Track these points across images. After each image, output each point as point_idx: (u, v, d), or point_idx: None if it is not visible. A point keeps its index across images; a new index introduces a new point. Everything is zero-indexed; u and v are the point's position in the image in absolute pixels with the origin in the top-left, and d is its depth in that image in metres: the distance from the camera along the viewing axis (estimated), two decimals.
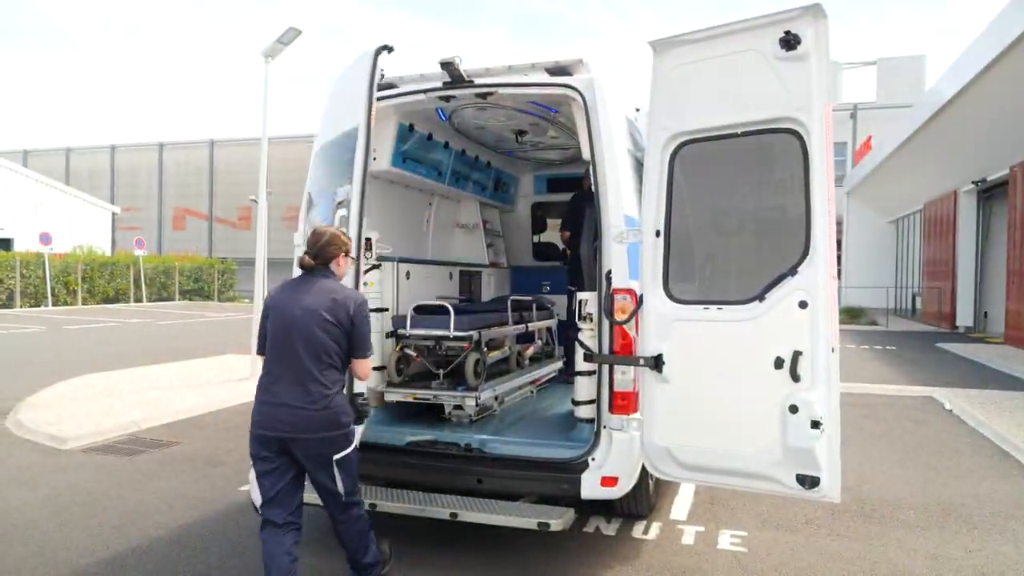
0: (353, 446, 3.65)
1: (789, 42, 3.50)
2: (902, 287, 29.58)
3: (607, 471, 4.18)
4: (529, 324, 6.45)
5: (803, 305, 3.56)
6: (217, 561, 4.39)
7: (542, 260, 8.33)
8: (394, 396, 5.28)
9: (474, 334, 5.34)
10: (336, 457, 3.55)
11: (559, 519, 4.07)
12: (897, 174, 24.03)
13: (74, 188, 38.40)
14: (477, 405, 5.22)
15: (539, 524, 4.03)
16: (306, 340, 3.47)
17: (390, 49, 4.28)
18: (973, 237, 20.98)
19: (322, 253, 3.67)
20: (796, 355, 3.54)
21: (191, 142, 48.73)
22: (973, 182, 19.88)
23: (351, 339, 3.58)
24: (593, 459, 4.22)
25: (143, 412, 8.43)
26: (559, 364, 6.93)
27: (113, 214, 38.18)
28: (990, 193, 20.29)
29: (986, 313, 20.88)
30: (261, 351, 3.65)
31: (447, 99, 4.93)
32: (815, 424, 3.48)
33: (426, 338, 5.35)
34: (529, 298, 6.71)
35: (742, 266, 4.03)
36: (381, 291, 5.40)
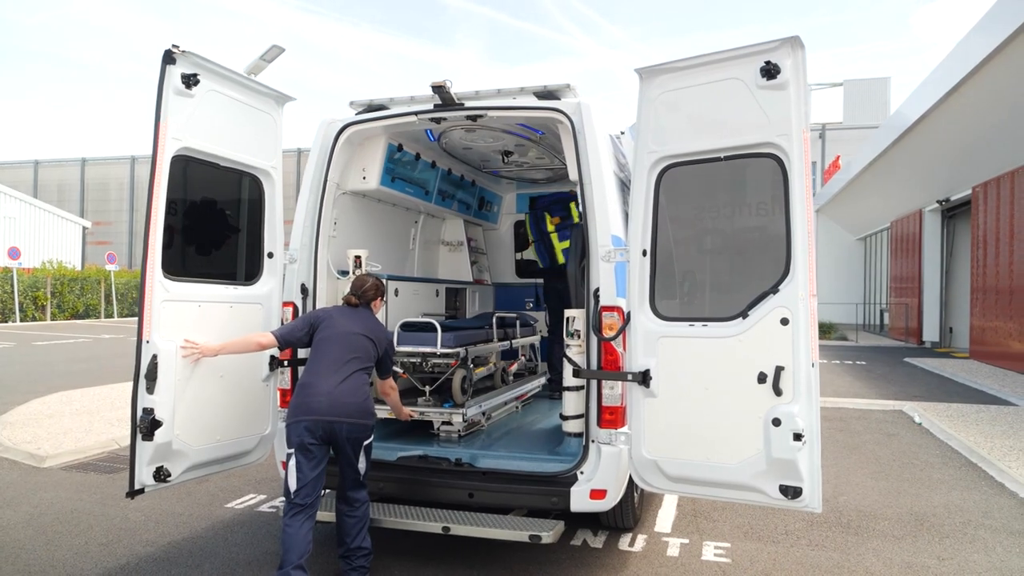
0: (373, 436, 4.34)
1: (769, 71, 3.68)
2: (870, 303, 30.26)
3: (596, 484, 4.27)
4: (513, 340, 6.54)
5: (784, 322, 3.72)
6: None
7: (525, 277, 8.45)
8: (381, 412, 5.30)
9: (461, 351, 5.37)
10: (365, 443, 4.23)
11: (550, 532, 4.16)
12: (865, 193, 24.70)
13: (42, 202, 37.76)
14: (464, 421, 5.27)
15: (531, 537, 4.12)
16: (356, 347, 4.30)
17: (173, 53, 3.95)
18: (938, 254, 21.60)
19: (364, 295, 4.56)
20: (778, 370, 3.69)
21: None
22: (938, 201, 20.51)
23: (381, 362, 4.50)
24: (582, 472, 4.31)
25: (123, 430, 8.33)
26: (542, 380, 7.05)
27: (83, 228, 37.60)
28: (954, 212, 20.93)
29: (951, 328, 21.46)
30: (287, 344, 4.41)
31: (438, 121, 5.04)
32: (797, 436, 3.63)
33: (413, 355, 5.41)
34: (513, 315, 6.82)
35: (726, 284, 4.19)
36: None
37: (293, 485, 4.04)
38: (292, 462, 4.06)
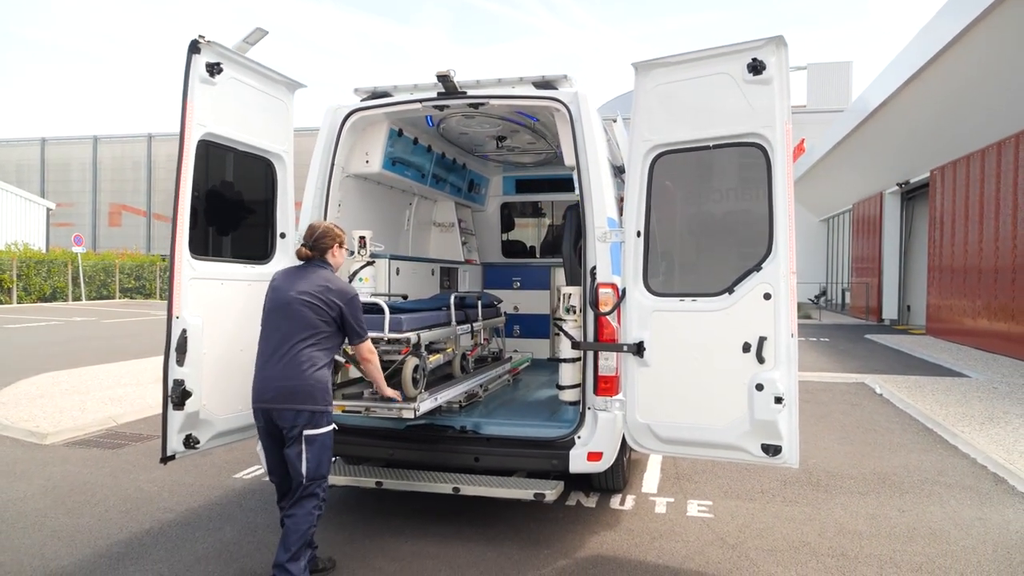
0: (327, 429, 3.84)
1: (756, 68, 4.02)
2: (833, 282, 31.24)
3: (593, 447, 4.64)
4: (475, 324, 6.05)
5: (767, 297, 4.09)
6: (232, 538, 4.68)
7: (510, 257, 8.77)
8: None
9: (412, 336, 4.83)
10: (307, 432, 3.74)
11: (552, 490, 4.52)
12: (828, 176, 25.46)
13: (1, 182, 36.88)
14: (415, 417, 4.65)
15: (535, 495, 4.48)
16: (294, 318, 3.82)
17: (199, 43, 4.14)
18: (897, 235, 22.45)
19: (317, 245, 4.06)
20: (761, 340, 4.07)
21: (128, 136, 47.24)
22: (897, 184, 21.28)
23: (344, 327, 3.95)
24: (579, 437, 4.66)
25: (117, 408, 8.51)
26: (507, 366, 6.74)
27: (48, 210, 36.81)
28: (913, 195, 21.75)
29: (909, 306, 22.38)
30: None
31: (441, 108, 5.30)
32: (778, 400, 4.01)
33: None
34: (475, 294, 6.44)
35: (713, 262, 4.56)
36: (375, 286, 5.73)
37: (264, 467, 4.07)
38: (259, 446, 4.11)
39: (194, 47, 4.17)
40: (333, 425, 3.92)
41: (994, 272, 14.39)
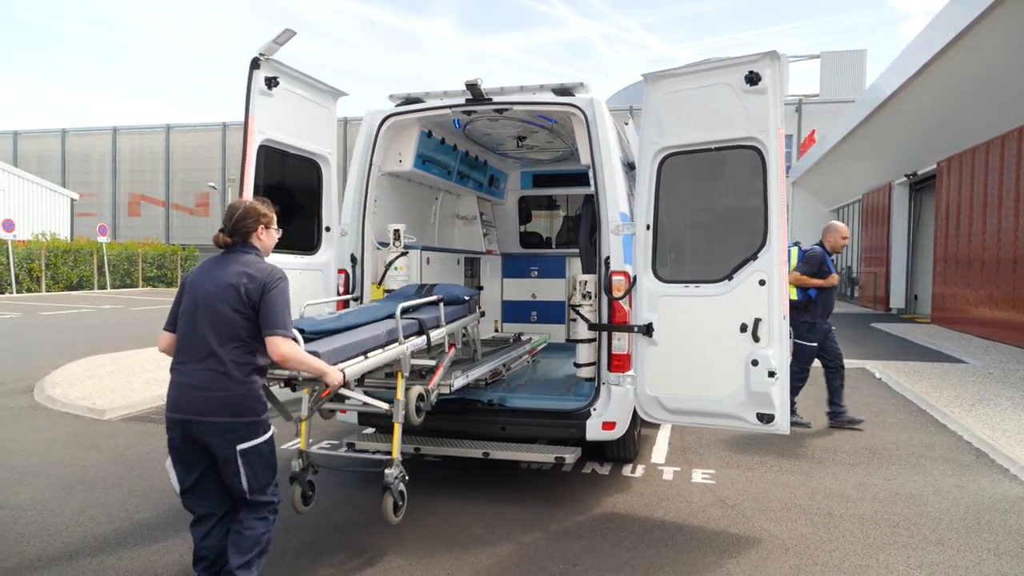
0: (264, 438, 3.30)
1: (752, 79, 4.54)
2: (842, 272, 31.56)
3: (607, 417, 5.20)
4: (432, 332, 4.80)
5: (762, 283, 4.63)
6: (286, 499, 5.28)
7: (528, 247, 9.33)
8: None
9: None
10: (240, 447, 3.22)
11: (571, 455, 5.11)
12: (838, 166, 25.80)
13: (30, 174, 37.77)
14: (449, 392, 4.82)
15: (556, 458, 5.06)
16: (212, 317, 3.24)
17: (259, 60, 4.63)
18: (905, 226, 22.78)
19: (238, 229, 3.41)
20: (757, 321, 4.61)
21: (146, 127, 48.04)
22: (906, 175, 21.61)
23: (260, 314, 3.26)
24: (595, 409, 5.23)
25: (162, 388, 9.06)
26: (527, 347, 6.98)
27: (72, 200, 37.69)
28: (921, 186, 22.08)
29: (916, 296, 22.74)
30: (170, 328, 3.44)
31: (469, 113, 5.85)
32: (771, 374, 4.56)
33: (273, 378, 3.57)
34: (433, 296, 5.20)
35: (714, 252, 5.10)
36: (408, 275, 6.29)
37: (175, 486, 3.36)
38: (168, 461, 3.38)
39: (255, 64, 4.73)
40: (272, 430, 3.37)
41: (996, 262, 14.78)
